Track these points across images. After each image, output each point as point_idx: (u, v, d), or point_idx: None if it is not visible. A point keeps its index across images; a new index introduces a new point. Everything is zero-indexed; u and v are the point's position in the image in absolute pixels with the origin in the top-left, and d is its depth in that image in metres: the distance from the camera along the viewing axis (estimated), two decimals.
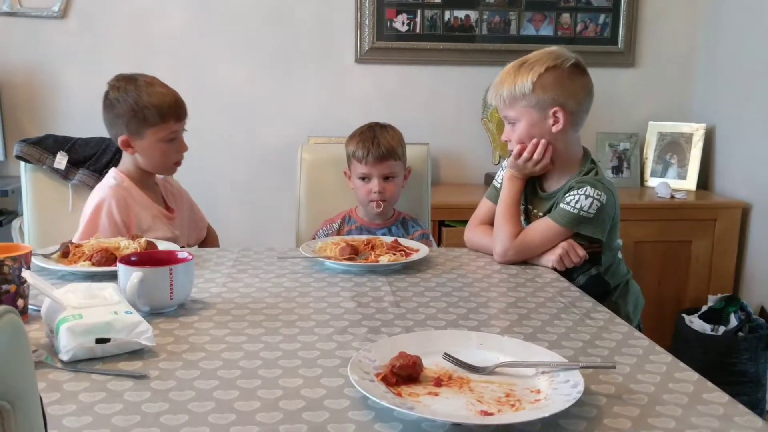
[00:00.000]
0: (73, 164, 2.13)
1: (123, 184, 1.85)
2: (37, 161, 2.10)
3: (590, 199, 1.57)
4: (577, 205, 1.58)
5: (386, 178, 1.94)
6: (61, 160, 2.09)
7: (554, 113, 1.61)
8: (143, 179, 1.91)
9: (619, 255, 1.73)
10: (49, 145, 2.13)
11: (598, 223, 1.59)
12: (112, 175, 1.88)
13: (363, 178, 1.95)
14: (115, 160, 2.16)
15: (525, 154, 1.65)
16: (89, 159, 2.15)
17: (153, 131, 1.83)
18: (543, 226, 1.62)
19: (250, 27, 2.99)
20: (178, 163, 1.93)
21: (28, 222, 2.13)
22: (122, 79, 1.86)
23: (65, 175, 2.12)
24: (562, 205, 1.60)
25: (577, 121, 1.65)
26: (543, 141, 1.63)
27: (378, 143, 1.93)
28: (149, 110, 1.81)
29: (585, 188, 1.59)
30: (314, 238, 1.99)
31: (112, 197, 1.80)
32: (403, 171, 1.99)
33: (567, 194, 1.61)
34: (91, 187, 2.13)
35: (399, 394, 0.90)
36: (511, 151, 1.69)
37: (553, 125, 1.62)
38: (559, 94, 1.60)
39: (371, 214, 1.98)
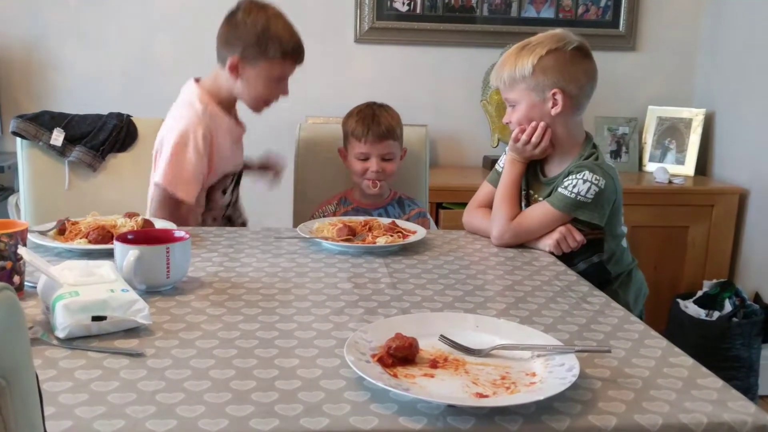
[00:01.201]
0: (70, 141, 2.12)
1: (208, 109, 1.81)
2: (33, 137, 2.09)
3: (588, 184, 1.57)
4: (575, 190, 1.57)
5: (385, 158, 1.93)
6: (57, 137, 2.08)
7: (553, 95, 1.60)
8: (229, 105, 1.88)
9: (624, 243, 1.72)
10: (45, 121, 2.11)
11: (596, 209, 1.58)
12: (196, 97, 1.82)
13: (361, 158, 1.94)
14: (111, 138, 2.14)
15: (524, 137, 1.64)
16: (86, 136, 2.14)
17: (268, 65, 1.80)
18: (540, 210, 1.62)
19: None
20: (268, 104, 1.90)
21: (24, 198, 2.12)
22: (255, 4, 1.81)
23: (62, 151, 2.11)
24: (559, 189, 1.60)
25: (578, 105, 1.64)
26: (542, 124, 1.63)
27: (378, 122, 1.92)
28: (273, 42, 1.77)
29: (583, 173, 1.58)
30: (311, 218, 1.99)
31: (198, 126, 1.77)
32: (400, 152, 1.98)
33: (566, 178, 1.60)
34: (88, 164, 2.12)
35: (395, 376, 0.90)
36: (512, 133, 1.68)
37: (552, 108, 1.61)
38: (559, 77, 1.59)
39: (367, 194, 1.98)
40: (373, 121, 1.92)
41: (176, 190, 1.78)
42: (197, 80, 1.89)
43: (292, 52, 1.82)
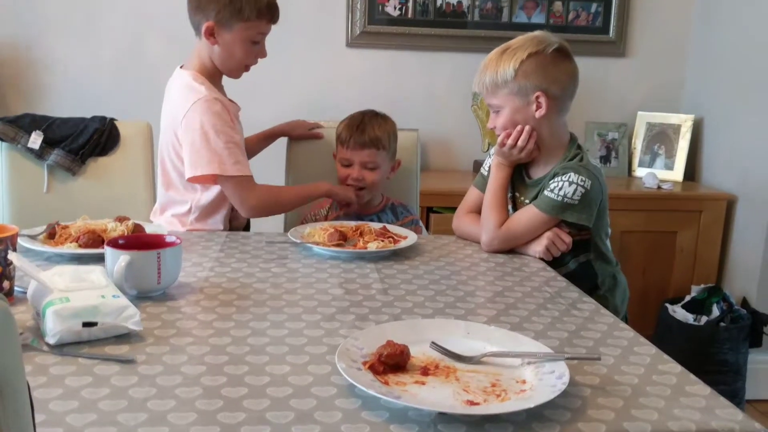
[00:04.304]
0: (49, 144, 2.09)
1: (207, 85, 1.80)
2: (11, 140, 2.07)
3: (574, 185, 1.57)
4: (561, 192, 1.58)
5: (366, 166, 1.93)
6: (35, 140, 2.06)
7: (537, 98, 1.60)
8: (216, 78, 1.88)
9: (608, 243, 1.74)
10: (25, 123, 2.09)
11: (584, 210, 1.59)
12: (192, 79, 1.81)
13: (344, 163, 1.95)
14: (92, 141, 2.12)
15: (510, 141, 1.64)
16: (65, 139, 2.11)
17: (244, 26, 1.79)
18: (528, 214, 1.62)
19: None
20: (247, 68, 1.89)
21: (2, 201, 2.10)
22: None
23: (40, 154, 2.08)
24: (546, 192, 1.60)
25: (561, 106, 1.64)
26: (527, 128, 1.63)
27: (363, 130, 1.92)
28: (248, 2, 1.77)
29: (569, 174, 1.58)
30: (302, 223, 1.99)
31: (213, 102, 1.76)
32: (388, 162, 1.97)
33: (551, 181, 1.61)
34: (66, 168, 2.10)
35: (386, 383, 0.91)
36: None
37: (536, 111, 1.61)
38: (542, 80, 1.60)
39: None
40: (358, 129, 1.92)
41: (228, 170, 1.75)
42: (182, 66, 1.89)
43: (267, 11, 1.82)
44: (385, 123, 1.96)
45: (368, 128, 1.92)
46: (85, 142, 2.12)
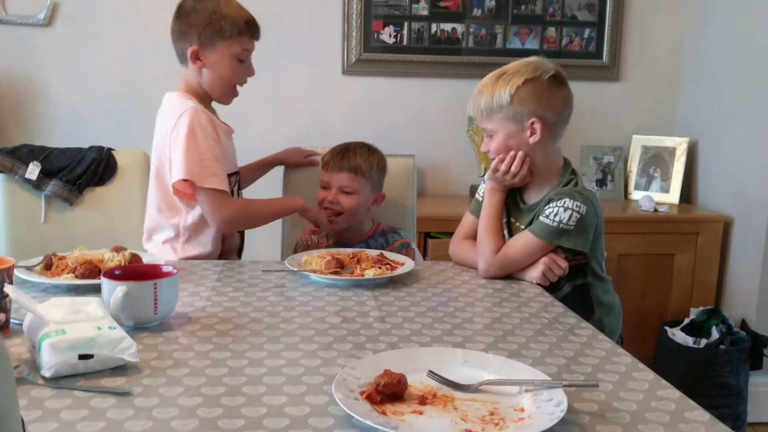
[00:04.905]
0: (47, 174, 2.10)
1: (193, 101, 1.82)
2: (9, 171, 2.08)
3: (569, 211, 1.57)
4: (556, 218, 1.58)
5: (343, 190, 1.93)
6: (33, 170, 2.07)
7: (531, 124, 1.61)
8: (206, 102, 1.89)
9: (603, 265, 1.73)
10: (23, 154, 2.10)
11: (580, 235, 1.59)
12: (180, 98, 1.84)
13: (323, 185, 1.97)
14: (89, 171, 2.13)
15: (503, 167, 1.65)
16: (63, 169, 2.12)
17: (226, 44, 1.81)
18: (523, 240, 1.62)
19: None
20: (235, 92, 1.91)
21: (0, 232, 2.11)
22: None
23: (37, 185, 2.09)
24: (541, 218, 1.61)
25: (556, 132, 1.65)
26: (520, 153, 1.64)
27: (344, 155, 1.93)
28: (226, 21, 1.80)
29: (563, 200, 1.59)
30: (295, 249, 1.99)
31: (199, 114, 1.78)
32: (369, 191, 1.95)
33: (546, 206, 1.61)
34: (64, 198, 2.10)
35: (383, 413, 0.90)
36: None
37: (530, 137, 1.62)
38: (537, 106, 1.61)
39: (344, 227, 1.97)
40: (339, 153, 1.94)
41: (205, 182, 1.76)
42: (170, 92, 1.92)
43: (247, 28, 1.84)
44: (371, 154, 1.96)
45: (350, 154, 1.94)
46: (83, 172, 2.13)
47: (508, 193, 1.72)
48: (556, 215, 1.58)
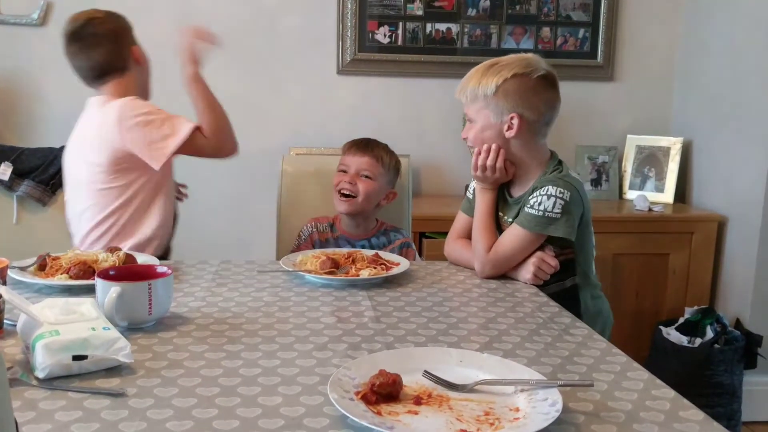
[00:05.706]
0: (19, 175, 2.09)
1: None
2: None
3: (553, 198, 1.57)
4: (541, 207, 1.57)
5: (361, 173, 1.94)
6: (5, 171, 2.06)
7: (510, 119, 1.61)
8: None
9: (593, 267, 1.72)
10: None
11: (566, 222, 1.58)
12: (109, 97, 1.88)
13: (341, 169, 1.98)
14: (62, 171, 2.12)
15: (479, 162, 1.65)
16: (35, 170, 2.11)
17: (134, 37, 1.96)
18: (512, 235, 1.61)
19: (233, 38, 2.97)
20: None
21: None
22: (84, 19, 1.90)
23: (9, 186, 2.08)
24: (526, 209, 1.60)
25: (536, 130, 1.64)
26: (494, 146, 1.64)
27: (367, 143, 1.98)
28: (125, 22, 1.94)
29: (546, 188, 1.58)
30: (299, 236, 2.00)
31: (133, 98, 1.85)
32: (384, 183, 1.98)
33: (530, 196, 1.61)
34: (37, 199, 2.09)
35: (379, 413, 0.90)
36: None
37: (506, 131, 1.62)
38: (519, 102, 1.60)
39: (348, 223, 1.98)
40: (363, 141, 1.99)
41: (185, 131, 1.83)
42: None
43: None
44: (391, 152, 2.02)
45: (373, 144, 1.99)
46: (56, 172, 2.11)
47: (497, 190, 1.71)
48: (540, 204, 1.57)
